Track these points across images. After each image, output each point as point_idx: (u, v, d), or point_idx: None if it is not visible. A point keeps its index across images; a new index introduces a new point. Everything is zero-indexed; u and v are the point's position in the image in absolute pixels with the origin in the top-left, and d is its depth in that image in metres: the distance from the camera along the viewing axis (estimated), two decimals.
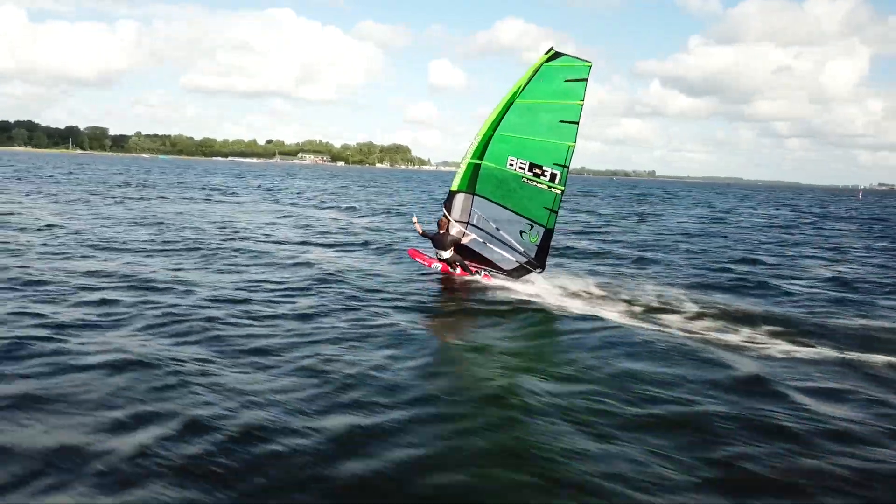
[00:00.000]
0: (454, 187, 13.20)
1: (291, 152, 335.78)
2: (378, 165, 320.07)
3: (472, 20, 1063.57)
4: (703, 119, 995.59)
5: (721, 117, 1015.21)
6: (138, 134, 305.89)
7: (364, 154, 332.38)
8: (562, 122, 11.79)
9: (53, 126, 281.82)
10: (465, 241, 13.29)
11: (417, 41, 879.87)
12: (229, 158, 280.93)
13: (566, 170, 12.00)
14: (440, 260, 13.25)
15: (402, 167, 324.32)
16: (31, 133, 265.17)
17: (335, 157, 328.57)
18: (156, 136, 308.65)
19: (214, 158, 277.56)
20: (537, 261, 12.89)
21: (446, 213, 13.39)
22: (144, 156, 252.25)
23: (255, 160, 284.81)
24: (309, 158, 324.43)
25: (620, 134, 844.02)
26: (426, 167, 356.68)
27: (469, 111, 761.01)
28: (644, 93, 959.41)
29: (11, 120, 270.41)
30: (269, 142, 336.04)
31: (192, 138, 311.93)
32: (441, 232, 13.09)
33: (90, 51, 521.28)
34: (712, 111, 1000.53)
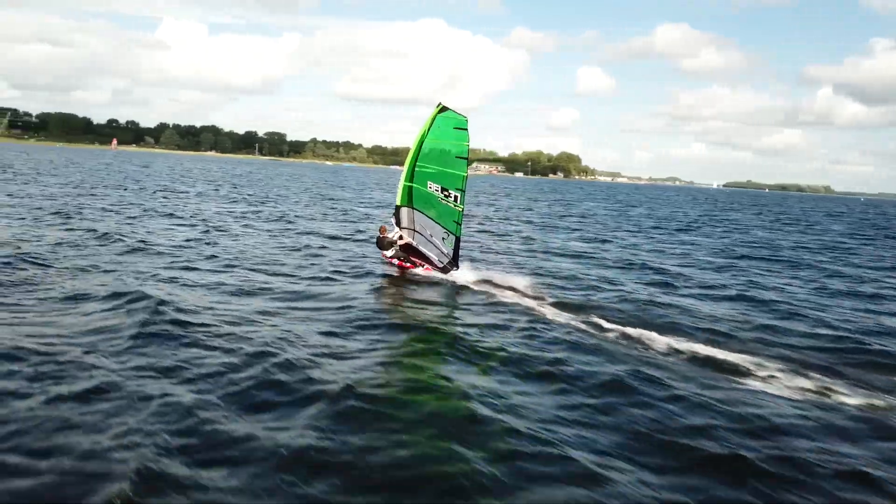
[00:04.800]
0: (398, 202, 19.55)
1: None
2: (551, 176, 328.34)
3: (631, 25, 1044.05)
4: (876, 129, 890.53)
5: None
6: (314, 140, 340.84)
7: (535, 163, 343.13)
8: (457, 157, 17.81)
9: (236, 132, 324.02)
10: (400, 242, 19.63)
11: (569, 47, 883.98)
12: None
13: (463, 193, 17.89)
14: (388, 258, 19.76)
15: (578, 178, 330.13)
16: (216, 138, 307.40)
17: (508, 167, 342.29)
18: (329, 142, 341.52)
19: (394, 168, 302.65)
20: (454, 261, 18.93)
21: (395, 222, 19.83)
22: (328, 163, 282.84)
23: None
24: (483, 168, 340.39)
25: (777, 144, 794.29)
26: (602, 178, 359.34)
27: (613, 118, 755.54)
28: (809, 100, 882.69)
29: (195, 124, 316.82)
30: None
31: (360, 146, 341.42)
32: (381, 236, 19.60)
33: (256, 60, 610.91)
34: (888, 121, 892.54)
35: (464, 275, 18.77)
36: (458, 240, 18.57)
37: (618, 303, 17.24)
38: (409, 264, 19.59)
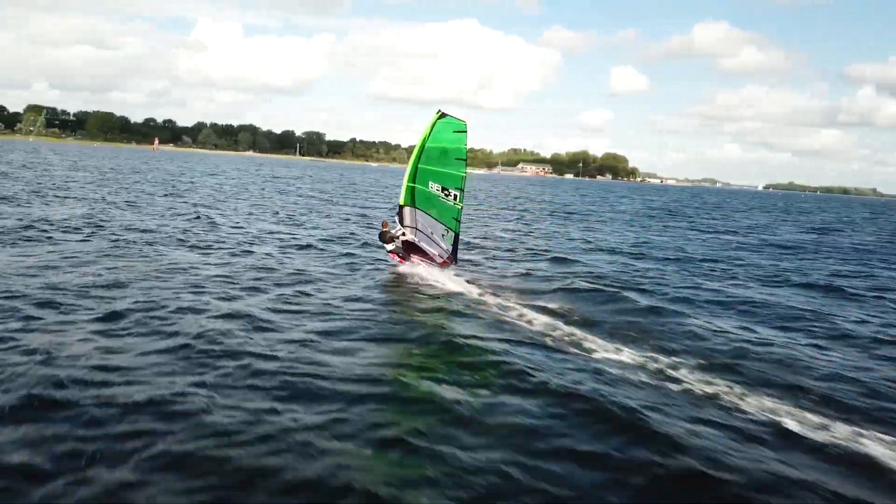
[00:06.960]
0: (401, 202, 20.80)
1: (511, 163, 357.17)
2: (598, 178, 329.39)
3: (669, 25, 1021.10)
4: None
5: None
6: (353, 140, 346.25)
7: (583, 164, 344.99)
8: (456, 158, 19.08)
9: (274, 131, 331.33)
10: (402, 238, 20.91)
11: (605, 46, 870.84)
12: None
13: (462, 192, 19.08)
14: (388, 251, 21.30)
15: (626, 180, 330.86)
16: (254, 137, 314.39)
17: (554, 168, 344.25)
18: (367, 142, 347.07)
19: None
20: (453, 256, 20.25)
21: (398, 221, 21.22)
22: (372, 164, 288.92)
23: (480, 171, 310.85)
24: (530, 170, 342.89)
25: (816, 145, 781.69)
26: (652, 180, 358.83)
27: (647, 118, 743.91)
28: (851, 100, 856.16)
29: (231, 123, 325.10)
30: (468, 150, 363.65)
31: (398, 146, 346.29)
32: (383, 230, 21.07)
33: (290, 61, 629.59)
34: None
35: None
36: (457, 236, 19.83)
37: None
38: (403, 259, 21.05)
